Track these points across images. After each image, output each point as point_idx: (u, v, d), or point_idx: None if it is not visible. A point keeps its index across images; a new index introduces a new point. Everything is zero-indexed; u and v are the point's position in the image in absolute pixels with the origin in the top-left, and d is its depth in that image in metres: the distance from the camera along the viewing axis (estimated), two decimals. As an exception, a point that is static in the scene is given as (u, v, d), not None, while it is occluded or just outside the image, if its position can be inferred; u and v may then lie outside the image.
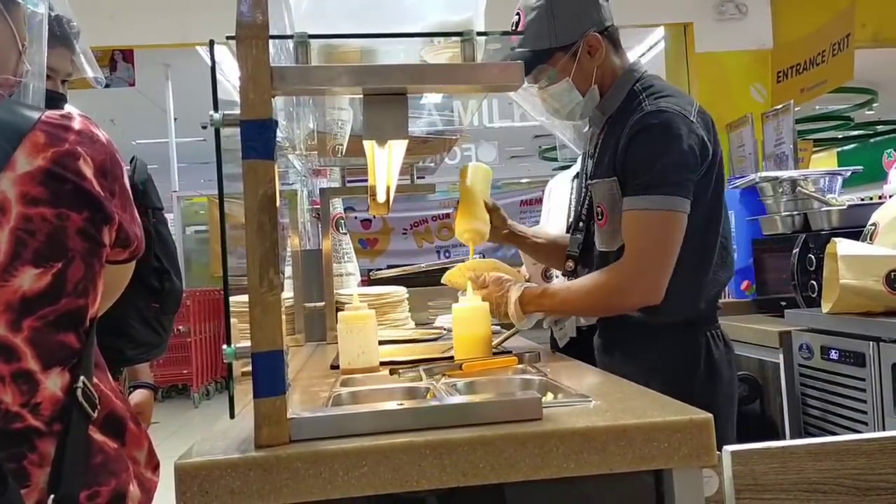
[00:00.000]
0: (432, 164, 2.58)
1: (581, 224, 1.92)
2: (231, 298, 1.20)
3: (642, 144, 1.68)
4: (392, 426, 1.12)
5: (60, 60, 1.68)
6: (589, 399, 1.27)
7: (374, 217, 9.74)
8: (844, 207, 2.81)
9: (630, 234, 1.70)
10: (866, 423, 2.25)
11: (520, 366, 1.72)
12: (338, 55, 1.23)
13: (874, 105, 9.89)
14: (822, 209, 2.86)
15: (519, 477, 1.08)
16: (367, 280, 3.26)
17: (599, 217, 1.82)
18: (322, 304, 2.60)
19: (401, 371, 1.62)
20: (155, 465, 1.32)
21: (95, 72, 1.70)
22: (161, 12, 5.28)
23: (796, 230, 2.99)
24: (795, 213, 3.00)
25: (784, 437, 2.71)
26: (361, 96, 1.22)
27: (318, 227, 2.88)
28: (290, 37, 1.15)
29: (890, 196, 2.58)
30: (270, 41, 1.13)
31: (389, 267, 3.51)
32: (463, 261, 2.14)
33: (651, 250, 1.68)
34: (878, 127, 11.76)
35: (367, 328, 1.83)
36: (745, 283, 3.32)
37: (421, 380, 1.59)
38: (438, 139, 2.16)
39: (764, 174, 3.16)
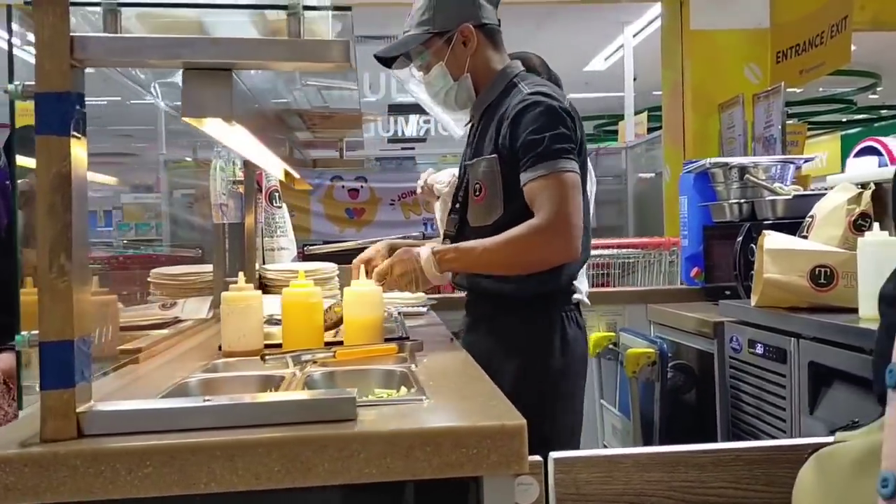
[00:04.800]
0: (360, 139, 2.51)
1: (458, 206, 1.98)
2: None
3: (529, 123, 1.77)
4: (190, 424, 1.06)
5: None
6: (422, 398, 1.21)
7: (362, 187, 9.67)
8: (790, 197, 2.72)
9: (536, 201, 1.75)
10: (785, 421, 2.19)
11: (401, 354, 1.67)
12: (163, 27, 1.16)
13: (878, 89, 9.72)
14: (768, 198, 2.77)
15: (317, 482, 1.03)
16: (302, 254, 3.20)
17: (476, 193, 1.90)
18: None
19: (267, 357, 1.56)
20: None
21: None
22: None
23: (743, 218, 2.91)
24: (743, 200, 2.91)
25: (716, 430, 2.66)
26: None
27: (252, 200, 2.80)
28: (98, 3, 1.07)
29: (830, 188, 2.49)
30: (86, 10, 1.07)
31: (325, 242, 3.46)
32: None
33: (560, 208, 1.72)
34: (881, 111, 11.60)
35: (250, 310, 1.77)
36: (694, 270, 3.25)
37: (287, 367, 1.54)
38: (343, 115, 2.07)
39: (714, 160, 3.07)
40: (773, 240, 2.21)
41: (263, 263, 2.86)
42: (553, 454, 1.10)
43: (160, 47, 1.08)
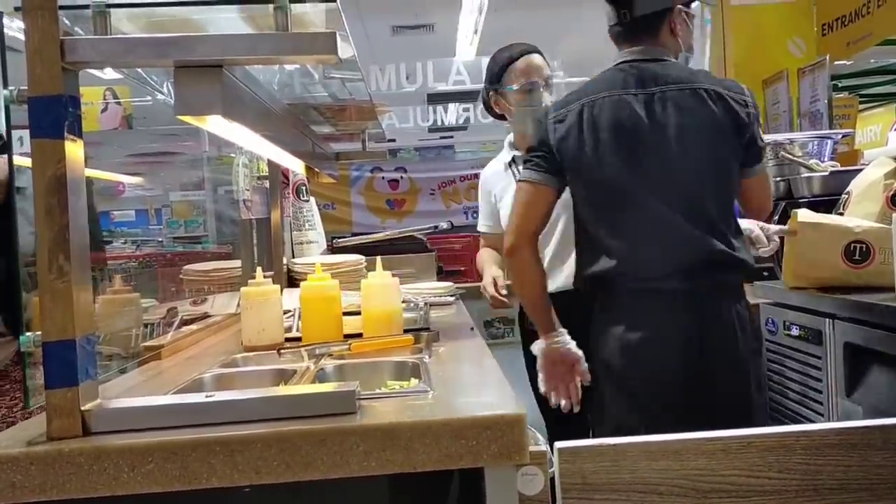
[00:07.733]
0: (380, 130, 2.50)
1: None
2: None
3: None
4: (193, 420, 1.07)
5: None
6: (427, 390, 1.20)
7: (402, 177, 9.68)
8: (826, 174, 2.63)
9: None
10: (822, 404, 2.13)
11: (417, 345, 1.66)
12: (155, 27, 1.16)
13: (935, 58, 9.36)
14: (804, 175, 2.69)
15: (316, 475, 1.03)
16: (331, 247, 3.21)
17: None
18: (271, 273, 2.56)
19: (283, 351, 1.57)
20: None
21: None
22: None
23: (779, 197, 2.82)
24: (778, 178, 2.82)
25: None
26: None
27: (277, 195, 2.82)
28: (87, 7, 1.08)
29: (867, 163, 2.39)
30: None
31: (354, 235, 3.45)
32: None
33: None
34: (941, 82, 11.15)
35: (269, 304, 1.78)
36: (731, 252, 3.16)
37: (303, 360, 1.55)
38: (357, 107, 2.07)
39: (748, 137, 2.98)
40: (803, 216, 2.15)
41: (293, 257, 2.88)
42: (558, 443, 1.08)
43: (149, 46, 1.08)
